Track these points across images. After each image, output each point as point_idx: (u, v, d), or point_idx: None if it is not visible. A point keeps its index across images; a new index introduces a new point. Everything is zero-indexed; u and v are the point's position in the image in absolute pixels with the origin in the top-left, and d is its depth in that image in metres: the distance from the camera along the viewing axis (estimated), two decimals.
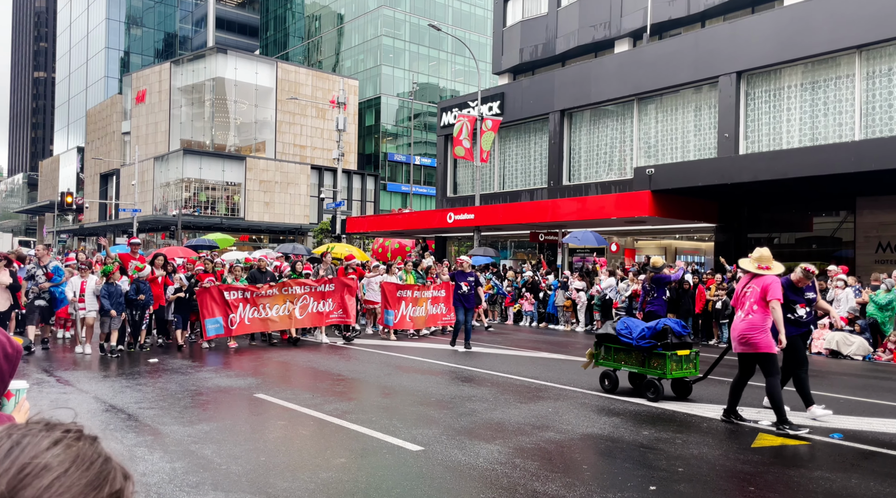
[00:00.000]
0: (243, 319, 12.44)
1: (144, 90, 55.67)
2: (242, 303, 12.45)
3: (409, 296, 14.88)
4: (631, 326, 8.38)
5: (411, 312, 14.87)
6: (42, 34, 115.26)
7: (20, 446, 0.73)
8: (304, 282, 13.46)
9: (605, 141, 23.42)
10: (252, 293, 12.60)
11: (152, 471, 5.17)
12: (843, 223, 18.03)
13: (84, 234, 65.43)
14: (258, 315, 12.66)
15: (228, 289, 12.41)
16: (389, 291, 14.46)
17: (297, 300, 13.13)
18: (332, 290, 13.62)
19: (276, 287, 12.95)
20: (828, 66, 17.63)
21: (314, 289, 13.37)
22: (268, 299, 12.75)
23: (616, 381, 8.59)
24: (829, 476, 5.34)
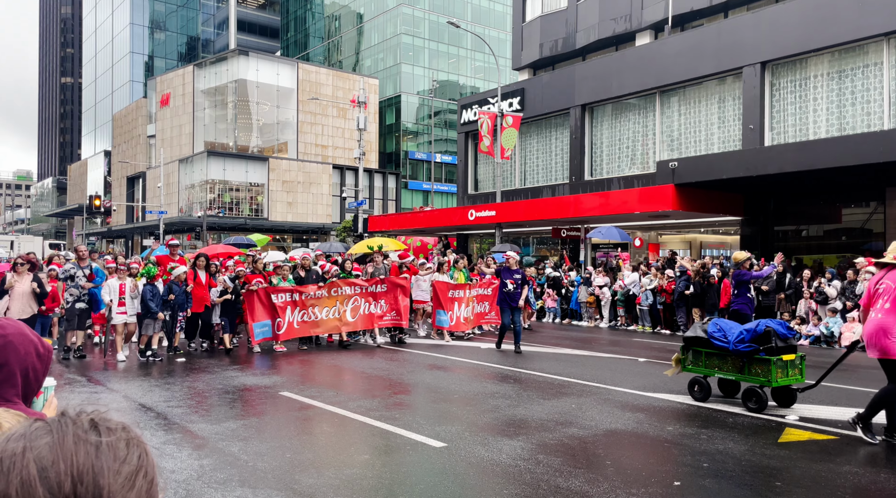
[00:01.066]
0: (292, 323, 11.86)
1: (168, 93, 56.46)
2: (290, 305, 11.86)
3: (462, 296, 14.09)
4: (725, 328, 7.64)
5: (464, 313, 14.11)
6: (68, 40, 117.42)
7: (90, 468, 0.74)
8: (355, 282, 12.81)
9: (628, 135, 23.22)
10: (301, 295, 11.99)
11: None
12: (873, 214, 17.67)
13: (112, 237, 66.59)
14: (307, 318, 12.05)
15: (276, 291, 11.82)
16: (441, 290, 13.64)
17: (348, 301, 12.47)
18: (384, 290, 12.93)
19: (326, 288, 12.31)
20: (855, 54, 17.27)
21: (365, 289, 12.71)
22: (316, 301, 12.14)
23: (708, 388, 7.82)
24: (857, 471, 5.26)
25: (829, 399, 8.08)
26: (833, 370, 7.27)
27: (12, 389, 1.43)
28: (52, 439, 0.73)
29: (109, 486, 0.71)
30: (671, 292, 15.87)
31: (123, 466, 0.73)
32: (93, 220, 70.32)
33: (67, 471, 0.70)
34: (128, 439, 0.77)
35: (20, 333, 1.47)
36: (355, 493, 4.71)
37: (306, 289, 12.12)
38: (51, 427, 0.75)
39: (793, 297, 14.83)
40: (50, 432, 0.74)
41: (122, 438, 0.76)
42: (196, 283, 11.62)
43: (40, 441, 0.72)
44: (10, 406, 1.40)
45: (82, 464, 0.71)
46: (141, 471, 0.75)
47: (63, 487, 0.69)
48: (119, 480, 0.72)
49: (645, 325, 16.48)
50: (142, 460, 0.76)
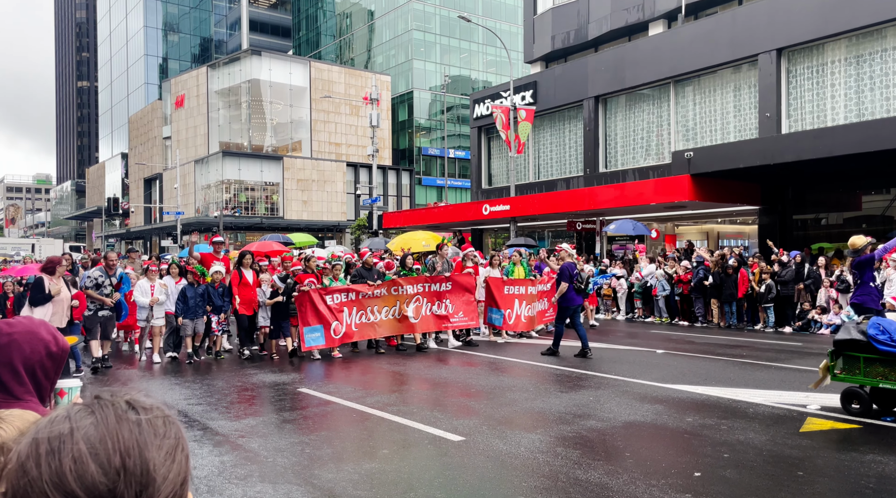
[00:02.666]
0: (349, 326, 10.83)
1: (183, 95, 56.91)
2: (347, 307, 10.83)
3: (523, 292, 12.82)
4: (890, 329, 6.46)
5: (526, 311, 12.83)
6: (84, 44, 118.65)
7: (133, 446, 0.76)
8: (417, 279, 11.68)
9: (642, 126, 23.03)
10: (357, 294, 10.97)
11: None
12: (893, 201, 17.39)
13: (131, 238, 67.32)
14: (365, 320, 11.02)
15: (331, 292, 10.77)
16: (495, 286, 12.49)
17: (409, 302, 11.34)
18: (448, 289, 11.76)
19: (385, 286, 11.26)
20: (873, 38, 16.98)
21: (428, 287, 11.59)
22: (376, 301, 11.11)
23: (868, 401, 6.55)
24: (881, 459, 5.19)
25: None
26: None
27: (21, 387, 1.45)
28: (95, 419, 0.76)
29: (154, 459, 0.75)
30: (688, 283, 15.74)
31: (164, 441, 0.78)
32: (111, 222, 71.13)
33: (115, 447, 0.74)
34: (164, 417, 0.81)
35: (28, 332, 1.48)
36: (374, 487, 4.73)
37: (364, 288, 11.10)
38: (92, 408, 0.78)
39: (811, 286, 14.65)
40: (92, 413, 0.77)
41: (159, 415, 0.81)
42: (243, 283, 10.84)
43: (85, 421, 0.76)
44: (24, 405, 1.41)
45: (128, 439, 0.75)
46: (179, 445, 0.79)
47: (113, 462, 0.73)
48: (161, 453, 0.76)
49: (662, 316, 16.37)
50: (178, 436, 0.81)
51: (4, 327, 1.48)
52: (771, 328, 14.38)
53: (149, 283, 10.61)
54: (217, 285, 10.76)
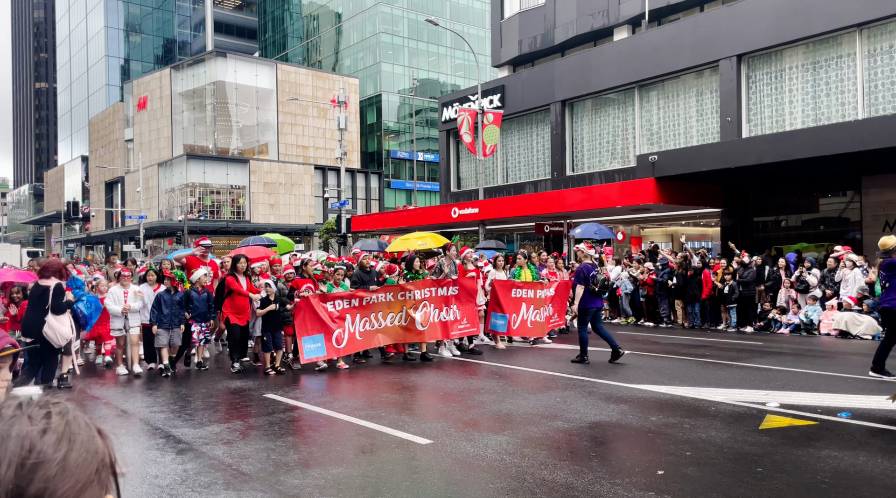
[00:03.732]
0: (353, 335, 10.02)
1: (146, 97, 55.87)
2: (350, 314, 10.03)
3: (530, 296, 12.12)
4: None
5: (533, 316, 12.14)
6: (42, 45, 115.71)
7: (13, 438, 0.76)
8: (425, 283, 10.86)
9: (608, 129, 23.35)
10: (361, 300, 10.15)
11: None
12: (850, 203, 17.92)
13: (92, 243, 65.80)
14: (370, 327, 10.21)
15: (331, 298, 10.01)
16: (502, 290, 11.84)
17: (417, 307, 10.50)
18: (455, 293, 10.99)
19: (392, 291, 10.48)
20: (829, 45, 17.50)
21: (436, 292, 10.77)
22: (381, 307, 10.29)
23: None
24: (837, 455, 5.34)
25: (809, 385, 8.20)
26: (815, 356, 7.33)
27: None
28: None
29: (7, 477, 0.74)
30: (652, 285, 16.00)
31: (29, 459, 0.75)
32: (71, 227, 69.44)
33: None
34: (45, 428, 0.79)
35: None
36: (341, 492, 4.70)
37: (367, 293, 10.28)
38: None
39: (773, 287, 15.01)
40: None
41: (38, 427, 0.78)
42: (239, 292, 9.96)
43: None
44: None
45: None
46: (54, 461, 0.76)
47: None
48: (24, 469, 0.75)
49: (627, 317, 16.59)
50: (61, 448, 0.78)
51: None
52: (733, 328, 14.69)
53: (122, 289, 9.96)
54: (201, 290, 10.10)
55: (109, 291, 10.05)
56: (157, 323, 9.74)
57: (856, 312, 13.15)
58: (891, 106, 16.43)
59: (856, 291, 13.40)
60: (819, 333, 13.51)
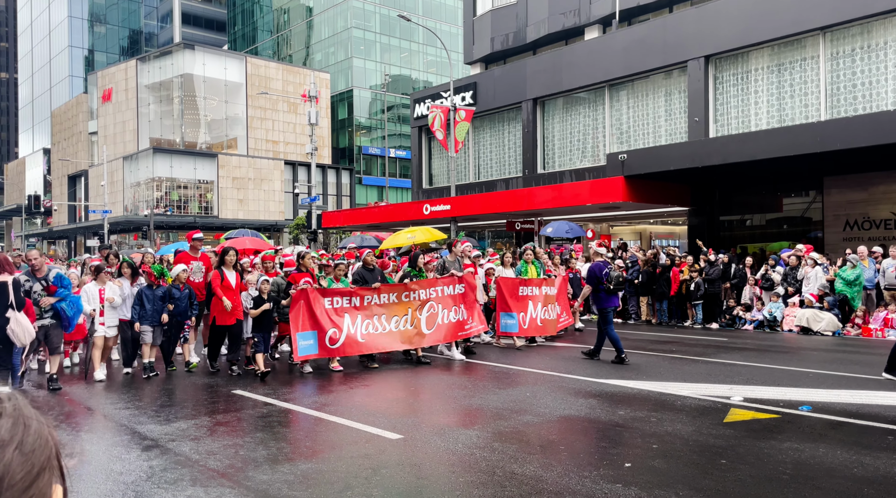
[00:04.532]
0: (353, 336, 9.27)
1: (110, 89, 54.66)
2: (350, 313, 9.30)
3: (537, 293, 11.67)
4: None
5: (542, 314, 11.68)
6: (2, 34, 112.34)
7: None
8: (430, 281, 10.14)
9: (578, 128, 23.55)
10: (362, 300, 9.44)
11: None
12: (812, 203, 18.37)
13: (54, 238, 64.22)
14: (373, 330, 9.46)
15: (330, 294, 9.30)
16: (508, 288, 11.33)
17: (423, 308, 9.85)
18: (462, 291, 10.36)
19: (396, 291, 9.74)
20: (793, 48, 17.90)
21: (442, 291, 10.12)
22: (384, 309, 9.59)
23: None
24: (797, 446, 5.48)
25: (772, 380, 8.39)
26: (777, 352, 7.50)
27: None
28: None
29: None
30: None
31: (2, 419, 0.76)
32: (32, 221, 67.68)
33: None
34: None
35: None
36: (311, 487, 4.67)
37: (370, 292, 9.53)
38: None
39: (738, 285, 15.32)
40: None
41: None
42: (224, 286, 9.12)
43: None
44: None
45: None
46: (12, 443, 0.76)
47: None
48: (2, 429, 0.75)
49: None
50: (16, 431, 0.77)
51: None
52: (699, 325, 14.96)
53: (97, 286, 9.04)
54: (182, 287, 9.34)
55: (83, 289, 9.13)
56: (140, 320, 9.02)
57: (817, 309, 13.49)
58: (851, 108, 16.88)
59: (817, 288, 13.74)
60: (782, 330, 13.83)
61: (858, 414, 6.57)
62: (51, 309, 8.15)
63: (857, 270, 13.30)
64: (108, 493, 4.60)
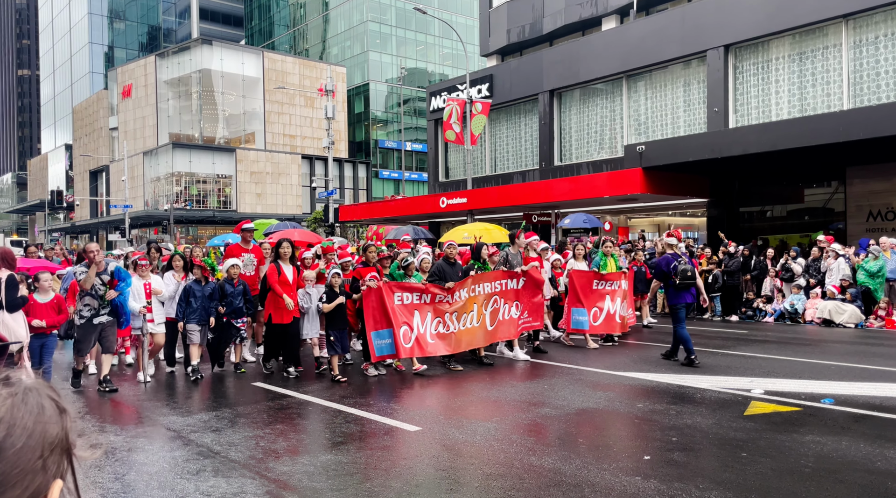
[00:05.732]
0: (423, 336, 8.60)
1: (130, 85, 55.21)
2: (420, 310, 8.62)
3: (616, 288, 10.92)
4: None
5: (620, 310, 10.96)
6: (24, 31, 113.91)
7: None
8: (494, 275, 9.49)
9: (596, 120, 23.38)
10: (433, 297, 8.72)
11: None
12: (834, 194, 18.10)
13: (76, 232, 65.16)
14: (444, 329, 8.77)
15: (402, 288, 8.62)
16: (581, 282, 10.69)
17: (488, 303, 9.26)
18: (523, 285, 9.77)
19: (465, 287, 9.02)
20: (815, 36, 17.60)
21: (505, 285, 9.54)
22: (455, 306, 8.88)
23: None
24: (820, 440, 5.42)
25: (793, 372, 8.30)
26: (799, 344, 7.42)
27: None
28: None
29: None
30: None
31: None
32: (55, 216, 68.72)
33: None
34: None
35: None
36: (330, 478, 4.71)
37: (442, 290, 8.75)
38: None
39: (758, 277, 15.15)
40: None
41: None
42: (281, 281, 8.48)
43: None
44: None
45: None
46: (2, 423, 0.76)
47: None
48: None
49: None
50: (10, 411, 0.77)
51: None
52: (718, 317, 14.83)
53: (141, 281, 8.48)
54: (236, 283, 8.74)
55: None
56: (185, 318, 8.42)
57: (839, 301, 13.32)
58: (875, 96, 16.57)
59: (839, 279, 13.56)
60: (803, 322, 13.67)
61: (882, 407, 6.48)
62: (108, 305, 7.72)
63: (880, 262, 13.10)
64: (131, 483, 4.68)
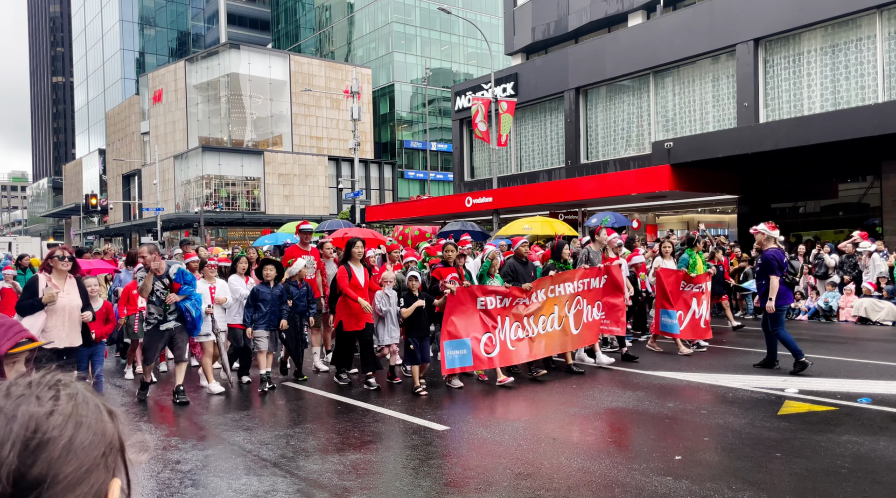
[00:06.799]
0: (504, 343, 7.81)
1: (161, 90, 56.22)
2: (501, 314, 7.86)
3: (703, 289, 9.99)
4: None
5: (706, 312, 9.98)
6: (58, 39, 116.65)
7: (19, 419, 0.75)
8: (575, 273, 8.64)
9: (622, 117, 23.16)
10: (513, 300, 7.94)
11: None
12: (869, 188, 17.68)
13: (110, 235, 66.52)
14: (523, 334, 8.01)
15: (484, 293, 7.79)
16: (669, 281, 9.77)
17: (571, 305, 8.46)
18: (603, 285, 8.93)
19: (544, 286, 8.23)
20: (848, 28, 17.21)
21: (588, 284, 8.69)
22: (534, 309, 8.10)
23: None
24: (856, 440, 5.31)
25: (828, 371, 8.13)
26: (834, 342, 7.26)
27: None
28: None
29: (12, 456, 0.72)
30: None
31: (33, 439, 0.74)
32: (90, 220, 70.23)
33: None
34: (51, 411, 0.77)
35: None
36: (360, 476, 4.75)
37: (522, 293, 7.98)
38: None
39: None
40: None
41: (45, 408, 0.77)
42: (352, 284, 7.72)
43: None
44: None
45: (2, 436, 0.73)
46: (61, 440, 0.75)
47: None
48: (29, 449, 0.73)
49: None
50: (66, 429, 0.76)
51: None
52: (750, 315, 14.59)
53: (206, 284, 7.90)
54: (300, 285, 8.23)
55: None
56: (254, 324, 7.74)
57: (875, 298, 13.00)
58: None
59: (876, 276, 13.24)
60: (838, 320, 13.38)
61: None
62: (175, 310, 7.15)
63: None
64: (166, 480, 4.78)
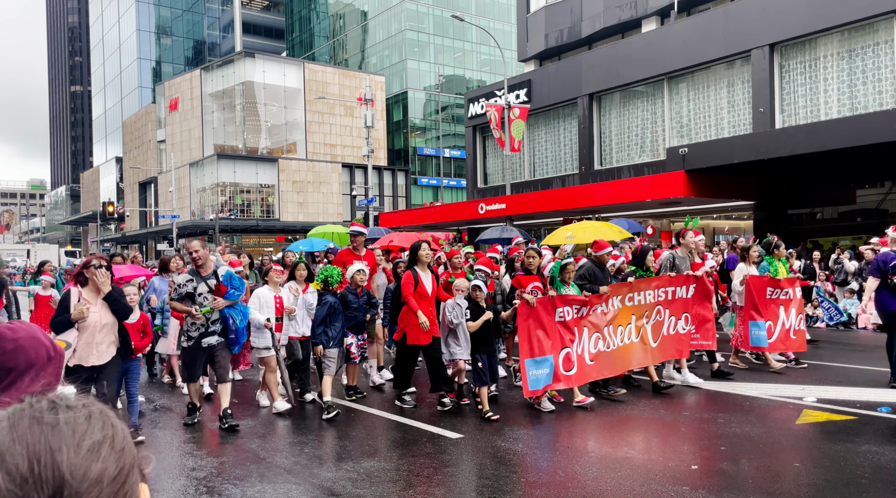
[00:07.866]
0: (582, 357, 7.05)
1: (177, 98, 56.81)
2: (578, 326, 7.09)
3: (791, 296, 9.12)
4: None
5: (797, 323, 9.08)
6: (76, 49, 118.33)
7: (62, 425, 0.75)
8: (660, 280, 7.90)
9: (636, 123, 23.08)
10: (590, 309, 7.20)
11: None
12: (888, 194, 17.47)
13: (126, 242, 67.18)
14: (603, 347, 7.27)
15: (563, 303, 6.97)
16: (758, 289, 8.87)
17: (649, 315, 7.73)
18: (691, 295, 8.13)
19: (621, 293, 7.52)
20: (865, 32, 17.05)
21: (673, 293, 7.95)
22: (611, 318, 7.39)
23: None
24: (876, 449, 5.22)
25: (848, 380, 8.02)
26: (853, 350, 7.14)
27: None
28: (8, 424, 0.75)
29: (69, 460, 0.72)
30: None
31: (85, 440, 0.75)
32: (107, 227, 70.98)
33: (23, 453, 0.72)
34: (89, 413, 0.78)
35: (32, 337, 1.50)
36: (374, 484, 4.74)
37: (600, 301, 7.27)
38: (8, 413, 0.77)
39: (808, 280, 14.68)
40: (7, 418, 0.76)
41: (82, 413, 0.77)
42: (418, 292, 6.90)
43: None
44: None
45: (38, 443, 0.73)
46: (106, 442, 0.76)
47: (20, 468, 0.71)
48: (81, 453, 0.73)
49: None
50: (106, 431, 0.77)
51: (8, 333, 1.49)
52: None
53: (272, 292, 7.10)
54: (360, 292, 7.25)
55: (255, 294, 7.11)
56: (325, 342, 6.83)
57: None
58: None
59: None
60: (856, 328, 13.20)
61: None
62: (218, 321, 6.28)
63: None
64: (182, 488, 4.80)
